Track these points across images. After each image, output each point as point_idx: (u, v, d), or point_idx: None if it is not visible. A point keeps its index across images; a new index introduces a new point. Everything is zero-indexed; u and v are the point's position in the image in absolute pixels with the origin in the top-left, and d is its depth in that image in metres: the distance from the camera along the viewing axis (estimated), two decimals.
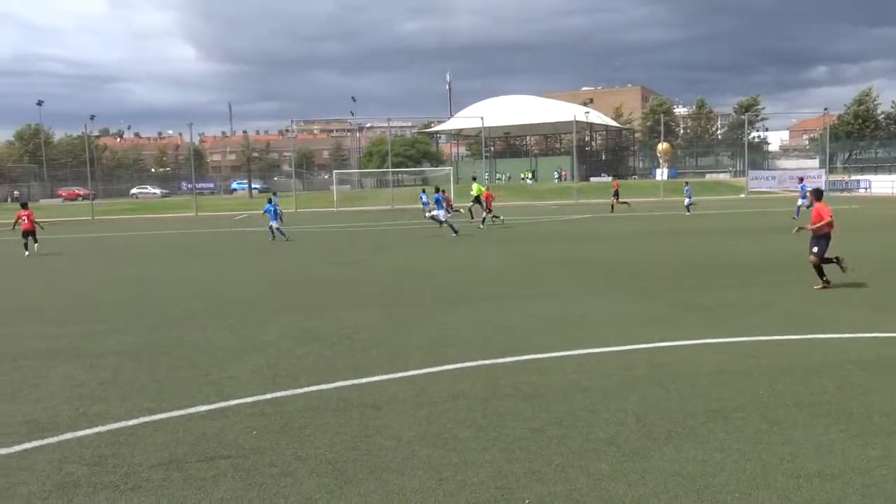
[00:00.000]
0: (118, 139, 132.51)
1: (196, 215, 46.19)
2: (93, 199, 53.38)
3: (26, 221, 21.26)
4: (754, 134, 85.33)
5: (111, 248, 24.51)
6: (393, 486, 4.42)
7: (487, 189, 30.28)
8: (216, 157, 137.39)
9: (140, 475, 4.70)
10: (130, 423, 5.76)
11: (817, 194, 11.85)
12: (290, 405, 6.10)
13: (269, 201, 25.36)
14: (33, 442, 5.38)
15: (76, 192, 77.80)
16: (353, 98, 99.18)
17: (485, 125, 62.66)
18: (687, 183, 35.65)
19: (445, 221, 24.17)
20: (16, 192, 79.16)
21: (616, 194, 36.98)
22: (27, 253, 20.79)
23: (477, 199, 32.00)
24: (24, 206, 22.20)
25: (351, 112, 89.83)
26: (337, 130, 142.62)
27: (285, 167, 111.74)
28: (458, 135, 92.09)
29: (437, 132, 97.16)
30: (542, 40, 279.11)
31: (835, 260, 11.25)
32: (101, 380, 7.07)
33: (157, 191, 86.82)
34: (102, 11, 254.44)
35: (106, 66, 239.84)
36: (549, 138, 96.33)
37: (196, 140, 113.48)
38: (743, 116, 70.76)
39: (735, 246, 18.76)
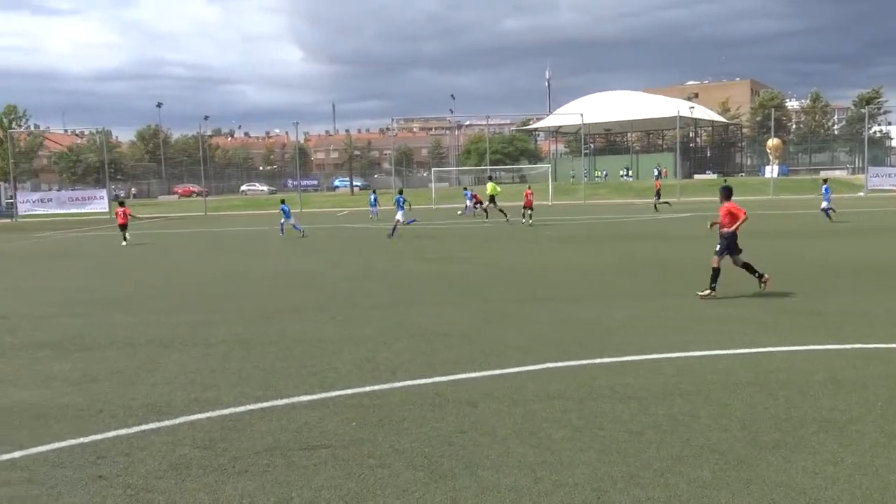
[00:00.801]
0: (229, 138, 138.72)
1: (301, 211, 47.80)
2: (206, 195, 56.24)
3: (122, 217, 25.29)
4: (875, 128, 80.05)
5: (221, 242, 25.72)
6: (488, 483, 4.44)
7: (529, 188, 30.30)
8: (320, 155, 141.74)
9: (246, 460, 4.92)
10: (238, 409, 6.04)
11: (726, 193, 11.15)
12: (388, 398, 6.23)
13: (283, 201, 28.70)
14: (150, 424, 5.73)
15: (191, 188, 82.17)
16: (452, 96, 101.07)
17: (584, 122, 61.73)
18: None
19: (395, 228, 24.18)
20: (133, 190, 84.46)
21: (658, 194, 36.90)
22: (124, 242, 24.58)
23: (492, 199, 32.53)
24: (122, 204, 26.35)
25: (450, 110, 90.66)
26: (436, 128, 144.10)
27: (385, 165, 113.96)
28: (556, 132, 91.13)
29: (535, 129, 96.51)
30: (642, 35, 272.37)
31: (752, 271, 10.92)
32: (211, 367, 7.45)
33: (265, 188, 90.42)
34: (217, 18, 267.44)
35: (219, 69, 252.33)
36: (651, 135, 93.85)
37: (301, 139, 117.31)
38: (863, 110, 66.60)
39: (847, 248, 17.69)
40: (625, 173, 76.68)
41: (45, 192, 58.81)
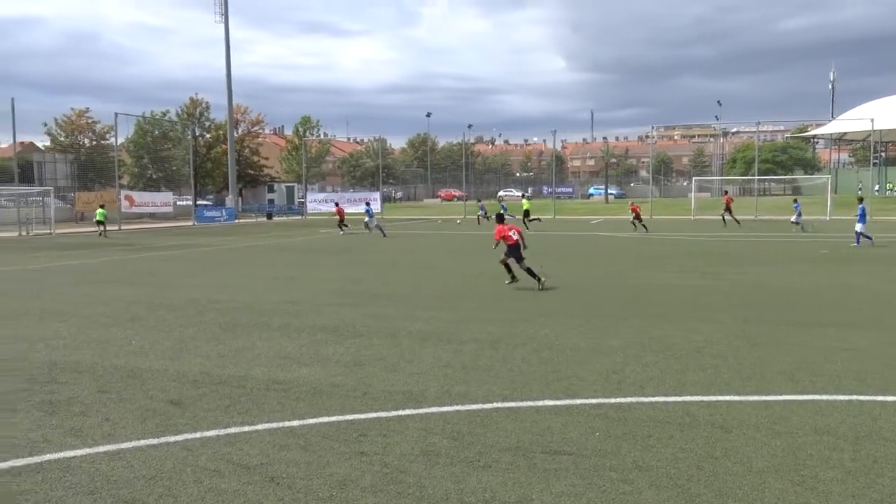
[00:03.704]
0: (490, 146, 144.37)
1: (554, 218, 48.24)
2: (465, 200, 59.09)
3: (340, 214, 34.44)
4: None
5: (473, 244, 26.83)
6: None
7: (633, 203, 32.13)
8: (576, 163, 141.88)
9: (491, 456, 5.09)
10: (486, 406, 6.26)
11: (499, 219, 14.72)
12: (635, 412, 6.06)
13: (367, 203, 35.55)
14: (406, 410, 6.16)
15: (452, 193, 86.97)
16: (718, 102, 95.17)
17: (875, 128, 54.69)
18: None
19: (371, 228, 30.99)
20: (399, 193, 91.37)
21: (728, 209, 34.46)
22: (341, 232, 32.25)
23: (526, 214, 35.05)
24: (337, 204, 36.92)
25: (715, 116, 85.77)
26: (699, 136, 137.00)
27: (643, 173, 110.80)
28: (839, 139, 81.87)
29: (814, 136, 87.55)
30: None
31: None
32: (463, 363, 7.82)
33: (521, 194, 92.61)
34: (487, 32, 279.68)
35: (486, 79, 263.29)
36: None
37: (558, 146, 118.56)
38: None
39: None
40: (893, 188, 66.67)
41: (328, 194, 65.89)
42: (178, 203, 54.46)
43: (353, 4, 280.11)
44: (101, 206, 35.80)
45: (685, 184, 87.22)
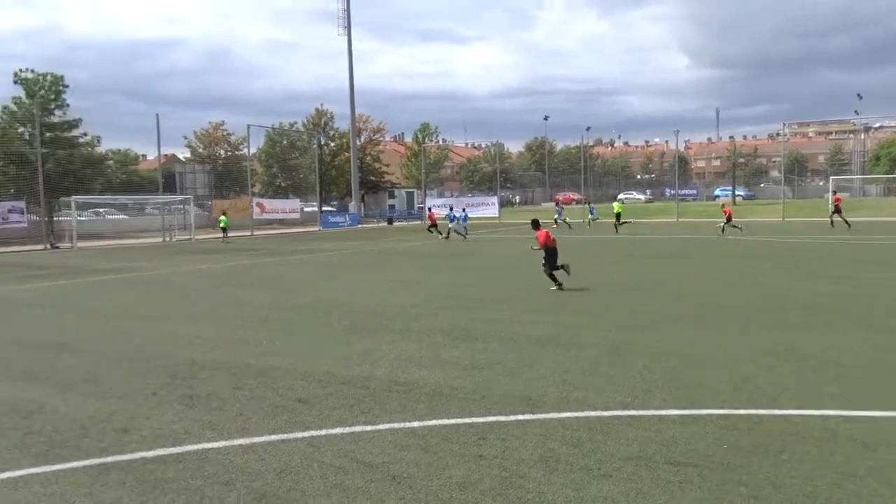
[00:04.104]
0: (609, 148, 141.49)
1: (677, 221, 46.64)
2: (584, 203, 58.16)
3: (432, 219, 35.13)
4: None
5: (586, 249, 26.36)
6: None
7: (724, 205, 32.72)
8: (700, 164, 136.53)
9: (611, 464, 4.98)
10: (605, 413, 6.14)
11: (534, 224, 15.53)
12: (767, 425, 5.75)
13: (451, 208, 37.43)
14: (525, 415, 6.14)
15: (570, 196, 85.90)
16: (858, 95, 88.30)
17: None
18: None
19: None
20: (518, 197, 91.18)
21: (837, 210, 32.28)
22: (442, 237, 32.98)
23: (617, 217, 35.57)
24: (430, 209, 37.95)
25: (855, 111, 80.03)
26: (836, 132, 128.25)
27: (773, 173, 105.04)
28: None
29: None
30: None
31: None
32: (582, 369, 7.70)
33: (642, 196, 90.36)
34: (605, 32, 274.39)
35: (604, 81, 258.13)
36: None
37: (681, 147, 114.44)
38: None
39: None
40: None
41: (446, 199, 66.76)
42: (305, 209, 56.81)
43: (469, 11, 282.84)
44: (224, 214, 38.35)
45: (821, 183, 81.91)
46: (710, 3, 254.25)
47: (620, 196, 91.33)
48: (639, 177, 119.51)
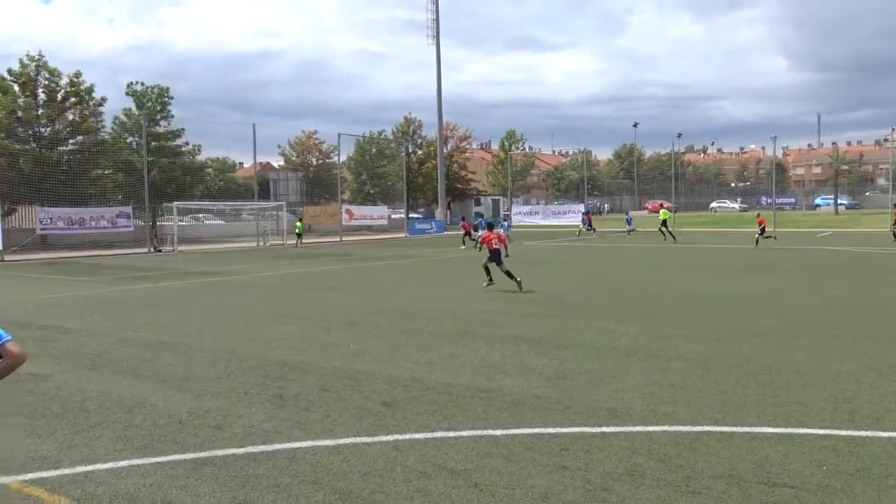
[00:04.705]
0: (701, 155, 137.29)
1: (774, 230, 44.76)
2: (674, 211, 56.70)
3: (467, 227, 34.33)
4: None
5: (678, 257, 25.62)
6: None
7: (759, 215, 31.75)
8: (799, 171, 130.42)
9: (700, 481, 4.82)
10: (695, 429, 5.95)
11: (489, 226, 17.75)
12: (870, 448, 5.43)
13: (481, 215, 37.33)
14: (610, 427, 6.02)
15: (660, 204, 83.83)
16: None
17: None
18: None
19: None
20: (607, 206, 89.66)
21: None
22: (463, 246, 32.19)
23: (664, 223, 35.97)
24: (463, 219, 38.41)
25: None
26: None
27: (881, 181, 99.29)
28: None
29: None
30: None
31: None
32: (670, 382, 7.49)
33: (736, 205, 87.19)
34: (700, 36, 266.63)
35: (697, 86, 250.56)
36: None
37: (779, 153, 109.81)
38: None
39: None
40: None
41: (533, 206, 66.44)
42: (392, 216, 57.71)
43: (558, 18, 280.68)
44: (299, 221, 40.22)
45: None
46: (811, 3, 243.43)
47: (713, 204, 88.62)
48: (733, 184, 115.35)
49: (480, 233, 35.73)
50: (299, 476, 5.05)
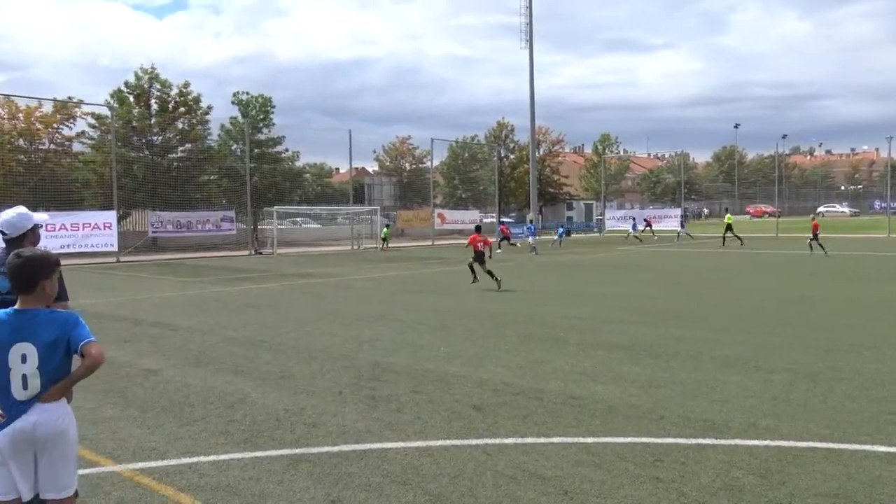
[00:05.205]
0: (808, 157, 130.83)
1: (888, 236, 42.07)
2: (778, 216, 54.23)
3: (505, 232, 34.67)
4: None
5: (779, 264, 24.43)
6: None
7: (814, 219, 30.28)
8: None
9: (804, 500, 4.58)
10: (799, 444, 5.66)
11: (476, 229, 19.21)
12: None
13: (531, 221, 37.25)
14: (707, 439, 5.82)
15: (762, 209, 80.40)
16: None
17: None
18: None
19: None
20: (706, 210, 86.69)
21: None
22: (499, 250, 31.83)
23: (728, 228, 35.78)
24: (502, 222, 33.64)
25: None
26: None
27: None
28: None
29: None
30: None
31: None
32: (773, 395, 7.16)
33: (846, 209, 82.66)
34: (807, 32, 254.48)
35: (806, 84, 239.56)
36: None
37: (894, 154, 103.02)
38: None
39: None
40: None
41: (627, 210, 65.03)
42: (484, 220, 57.81)
43: (656, 18, 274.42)
44: (387, 227, 40.83)
45: None
46: None
47: (820, 209, 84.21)
48: (843, 188, 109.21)
49: (531, 239, 36.24)
50: (390, 476, 5.12)
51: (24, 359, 3.35)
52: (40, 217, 4.60)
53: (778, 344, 9.84)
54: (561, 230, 41.18)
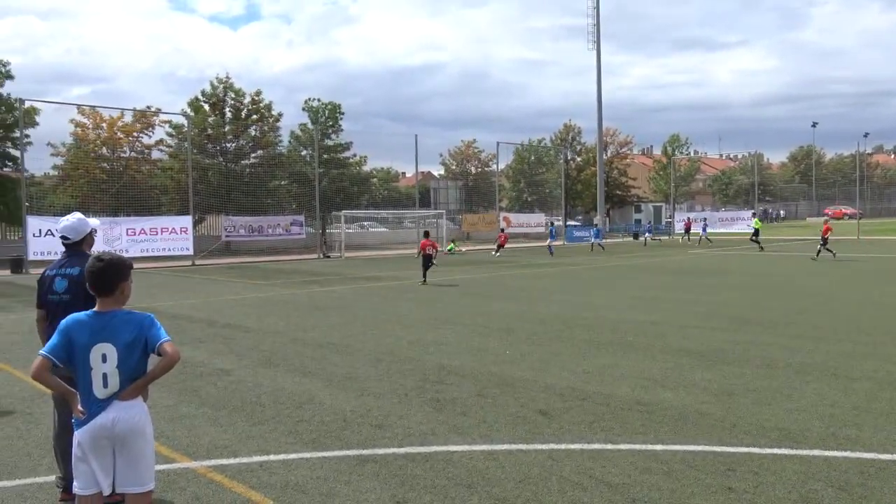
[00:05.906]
0: (892, 156, 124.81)
1: None
2: (859, 218, 51.96)
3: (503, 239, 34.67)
4: None
5: (873, 268, 23.36)
6: None
7: (826, 222, 29.78)
8: None
9: None
10: (882, 456, 5.41)
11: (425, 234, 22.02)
12: None
13: (596, 225, 37.29)
14: (782, 449, 5.61)
15: (842, 210, 77.15)
16: None
17: None
18: None
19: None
20: (782, 212, 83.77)
21: None
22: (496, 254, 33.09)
23: (756, 233, 35.64)
24: (502, 231, 35.21)
25: None
26: None
27: None
28: None
29: None
30: None
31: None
32: (854, 404, 6.86)
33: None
34: (890, 25, 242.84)
35: (889, 80, 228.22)
36: None
37: None
38: None
39: None
40: None
41: (697, 213, 63.45)
42: (555, 223, 57.40)
43: (729, 16, 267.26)
44: (452, 242, 40.75)
45: None
46: None
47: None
48: None
49: (550, 241, 35.97)
50: (455, 479, 5.13)
51: (104, 358, 3.51)
52: (94, 223, 5.01)
53: (857, 351, 9.43)
54: (596, 231, 41.26)
